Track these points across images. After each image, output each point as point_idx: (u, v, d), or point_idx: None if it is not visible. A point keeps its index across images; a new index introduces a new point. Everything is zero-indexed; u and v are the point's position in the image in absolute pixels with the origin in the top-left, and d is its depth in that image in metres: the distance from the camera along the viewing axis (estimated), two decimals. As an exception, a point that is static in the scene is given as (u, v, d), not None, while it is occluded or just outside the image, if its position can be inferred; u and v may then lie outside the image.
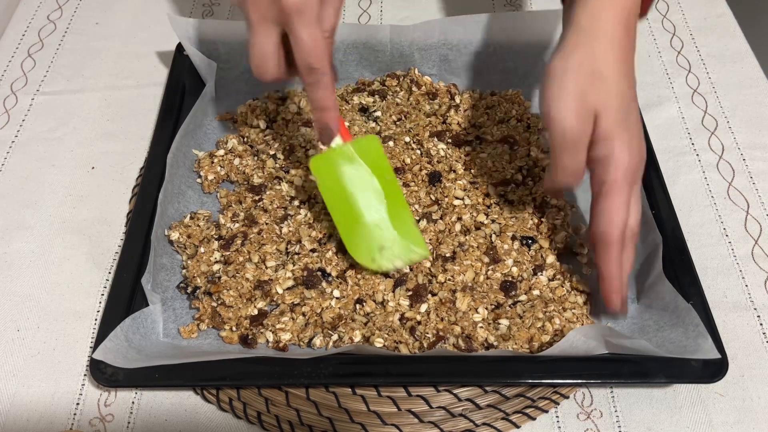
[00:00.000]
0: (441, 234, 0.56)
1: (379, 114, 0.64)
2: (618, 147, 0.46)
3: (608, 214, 0.47)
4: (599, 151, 0.46)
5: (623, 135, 0.46)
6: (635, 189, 0.48)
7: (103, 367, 0.47)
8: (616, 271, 0.48)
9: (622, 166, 0.46)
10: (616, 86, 0.47)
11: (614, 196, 0.46)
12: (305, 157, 0.60)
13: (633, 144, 0.47)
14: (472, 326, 0.50)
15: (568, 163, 0.47)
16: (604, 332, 0.47)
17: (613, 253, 0.48)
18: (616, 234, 0.47)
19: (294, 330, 0.51)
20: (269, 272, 0.53)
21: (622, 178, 0.46)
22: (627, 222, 0.47)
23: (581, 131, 0.46)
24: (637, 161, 0.47)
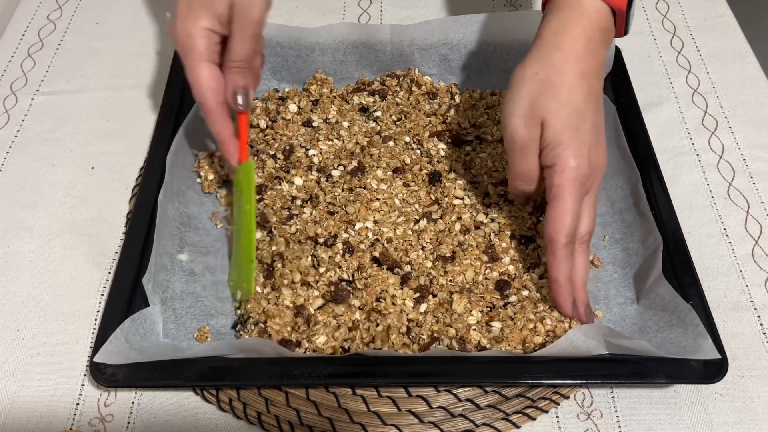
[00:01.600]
0: (441, 234, 0.56)
1: (379, 114, 0.64)
2: (564, 154, 0.47)
3: (553, 219, 0.48)
4: (547, 158, 0.48)
5: (571, 144, 0.47)
6: (588, 198, 0.49)
7: (103, 367, 0.47)
8: (564, 274, 0.49)
9: (568, 173, 0.47)
10: (568, 96, 0.48)
11: (560, 201, 0.48)
12: (305, 157, 0.60)
13: (581, 153, 0.48)
14: (466, 328, 0.50)
15: (519, 167, 0.50)
16: (604, 332, 0.47)
17: (558, 257, 0.48)
18: (560, 239, 0.48)
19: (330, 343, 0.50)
20: (301, 292, 0.52)
21: (568, 185, 0.47)
22: (575, 228, 0.48)
23: (528, 137, 0.48)
24: (585, 170, 0.48)
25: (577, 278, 0.50)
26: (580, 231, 0.49)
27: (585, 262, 0.50)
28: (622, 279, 0.55)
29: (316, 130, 0.63)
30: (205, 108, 0.52)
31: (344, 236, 0.55)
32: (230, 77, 0.52)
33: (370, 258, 0.54)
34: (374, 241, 0.55)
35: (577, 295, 0.50)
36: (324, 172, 0.59)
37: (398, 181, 0.59)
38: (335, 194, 0.57)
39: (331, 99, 0.66)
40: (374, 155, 0.60)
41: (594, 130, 0.49)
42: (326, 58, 0.68)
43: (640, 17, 0.79)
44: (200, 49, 0.48)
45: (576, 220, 0.48)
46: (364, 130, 0.63)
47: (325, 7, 0.80)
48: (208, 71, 0.51)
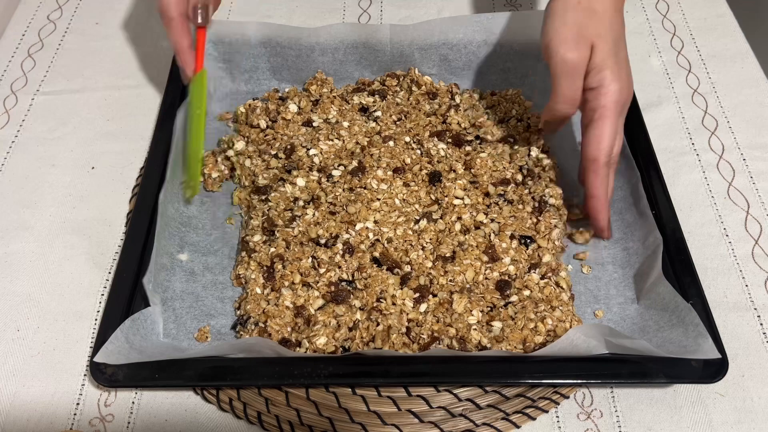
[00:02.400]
0: (441, 234, 0.56)
1: (379, 114, 0.64)
2: (609, 77, 0.51)
3: (598, 138, 0.51)
4: (593, 80, 0.51)
5: (614, 67, 0.51)
6: (621, 119, 0.53)
7: (103, 367, 0.48)
8: (604, 190, 0.53)
9: (612, 95, 0.51)
10: (610, 21, 0.52)
11: (604, 122, 0.51)
12: (306, 157, 0.60)
13: (623, 76, 0.51)
14: (467, 328, 0.50)
15: (567, 90, 0.52)
16: (604, 332, 0.47)
17: (602, 174, 0.52)
18: (604, 157, 0.51)
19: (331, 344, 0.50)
20: (301, 292, 0.53)
21: (612, 106, 0.51)
22: (613, 147, 0.52)
23: (579, 60, 0.50)
24: (626, 93, 0.52)
25: (609, 196, 0.54)
26: (615, 151, 0.52)
27: (613, 180, 0.54)
28: (622, 279, 0.55)
29: (316, 130, 0.63)
30: (166, 18, 0.57)
31: (345, 237, 0.55)
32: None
33: (371, 258, 0.54)
34: (374, 241, 0.55)
35: (608, 212, 0.55)
36: (324, 172, 0.59)
37: (398, 181, 0.59)
38: (336, 194, 0.57)
39: (331, 99, 0.66)
40: (374, 155, 0.60)
41: (627, 58, 0.53)
42: (326, 58, 0.68)
43: (640, 17, 0.79)
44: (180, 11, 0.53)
45: (614, 140, 0.52)
46: (365, 130, 0.63)
47: (325, 7, 0.80)
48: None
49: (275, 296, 0.52)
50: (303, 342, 0.50)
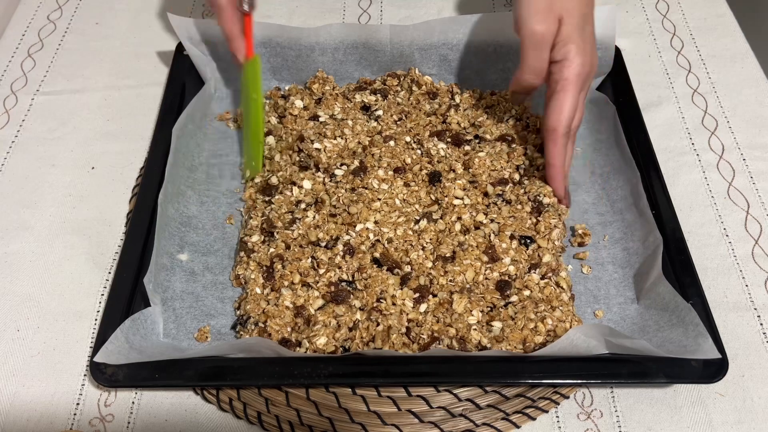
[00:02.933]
0: (441, 234, 0.56)
1: (381, 113, 0.64)
2: (574, 51, 0.53)
3: (558, 109, 0.53)
4: (558, 53, 0.53)
5: (579, 41, 0.53)
6: (583, 93, 0.55)
7: (103, 367, 0.48)
8: (561, 159, 0.55)
9: (575, 68, 0.53)
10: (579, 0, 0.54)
11: (565, 94, 0.53)
12: (315, 150, 0.60)
13: (587, 50, 0.54)
14: (467, 328, 0.50)
15: (533, 61, 0.54)
16: (604, 332, 0.47)
17: (561, 144, 0.54)
18: (563, 128, 0.54)
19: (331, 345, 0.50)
20: (301, 292, 0.53)
21: (574, 79, 0.53)
22: (573, 119, 0.54)
23: (546, 32, 0.53)
24: (589, 67, 0.54)
25: (567, 165, 0.57)
26: (574, 123, 0.55)
27: (572, 152, 0.57)
28: (622, 279, 0.55)
29: (323, 125, 0.63)
30: (219, 6, 0.59)
31: (345, 238, 0.55)
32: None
33: (371, 259, 0.54)
34: (375, 241, 0.55)
35: (565, 181, 0.57)
36: (328, 172, 0.60)
37: (399, 181, 0.59)
38: (339, 196, 0.57)
39: (334, 96, 0.66)
40: (375, 155, 0.60)
41: (593, 34, 0.56)
42: (326, 57, 0.68)
43: (640, 17, 0.79)
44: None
45: (574, 112, 0.54)
46: (366, 130, 0.63)
47: (325, 7, 0.80)
48: None
49: (275, 296, 0.52)
50: (303, 342, 0.50)
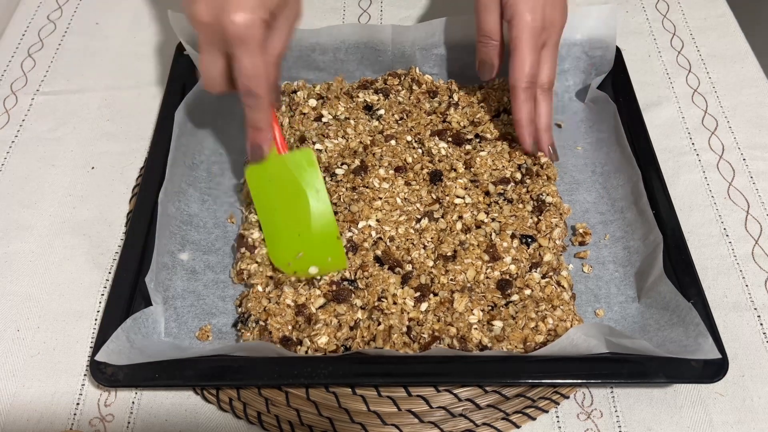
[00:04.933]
0: (442, 233, 0.56)
1: (382, 112, 0.64)
2: (521, 8, 0.55)
3: (513, 66, 0.56)
4: (507, 13, 0.56)
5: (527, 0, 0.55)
6: (547, 50, 0.57)
7: (103, 367, 0.47)
8: (525, 115, 0.57)
9: (524, 26, 0.55)
10: None
11: (518, 51, 0.55)
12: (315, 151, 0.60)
13: (537, 8, 0.55)
14: (467, 327, 0.50)
15: (482, 23, 0.58)
16: (604, 331, 0.47)
17: (520, 100, 0.56)
18: (520, 84, 0.56)
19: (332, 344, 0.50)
20: (302, 290, 0.53)
21: (525, 36, 0.55)
22: (534, 74, 0.56)
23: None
24: (540, 23, 0.55)
25: (541, 122, 0.59)
26: (541, 79, 0.57)
27: (547, 108, 0.59)
28: (623, 277, 0.55)
29: (326, 126, 0.63)
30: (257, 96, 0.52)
31: (348, 235, 0.55)
32: None
33: (373, 257, 0.54)
34: (377, 239, 0.55)
35: (541, 136, 0.59)
36: (328, 171, 0.60)
37: (400, 180, 0.59)
38: (339, 194, 0.57)
39: (338, 96, 0.66)
40: (376, 154, 0.60)
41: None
42: (327, 57, 0.68)
43: (640, 17, 0.79)
44: (258, 39, 0.49)
45: (534, 67, 0.56)
46: (368, 129, 0.63)
47: (325, 7, 0.80)
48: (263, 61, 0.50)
49: (277, 294, 0.52)
50: (304, 341, 0.50)
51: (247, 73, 0.50)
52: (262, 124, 0.53)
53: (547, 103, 0.59)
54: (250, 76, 0.50)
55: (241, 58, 0.49)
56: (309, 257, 0.54)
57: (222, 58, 0.51)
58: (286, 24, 0.52)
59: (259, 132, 0.54)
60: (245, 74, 0.50)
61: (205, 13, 0.48)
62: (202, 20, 0.48)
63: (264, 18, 0.49)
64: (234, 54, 0.49)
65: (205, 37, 0.50)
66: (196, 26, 0.49)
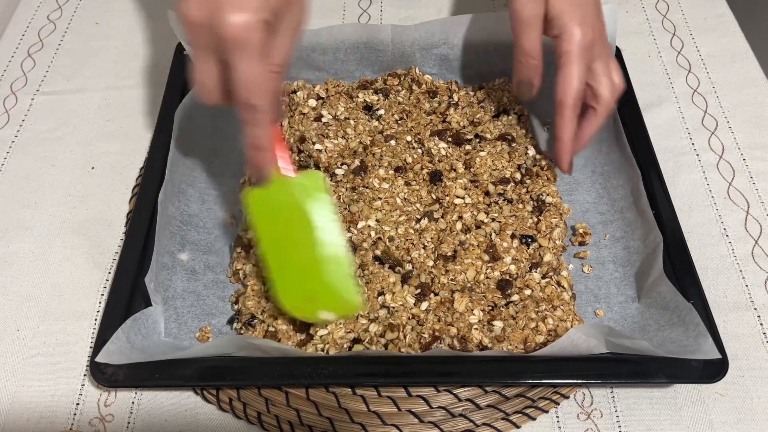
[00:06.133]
0: (442, 233, 0.56)
1: (382, 112, 0.64)
2: (569, 22, 0.52)
3: (563, 82, 0.53)
4: (554, 28, 0.53)
5: (574, 12, 0.53)
6: (600, 64, 0.54)
7: (103, 367, 0.47)
8: (569, 133, 0.54)
9: (573, 40, 0.52)
10: None
11: (570, 66, 0.53)
12: (315, 151, 0.60)
13: (586, 20, 0.53)
14: (468, 327, 0.50)
15: (524, 41, 0.54)
16: (604, 331, 0.47)
17: (567, 117, 0.54)
18: (568, 100, 0.53)
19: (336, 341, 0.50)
20: None
21: (575, 50, 0.53)
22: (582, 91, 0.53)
23: (532, 11, 0.53)
24: (590, 36, 0.53)
25: (583, 140, 0.56)
26: (601, 93, 0.54)
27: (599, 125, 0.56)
28: (623, 277, 0.55)
29: (326, 126, 0.63)
30: (257, 109, 0.44)
31: (347, 235, 0.55)
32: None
33: (373, 256, 0.54)
34: (376, 239, 0.55)
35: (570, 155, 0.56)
36: (329, 171, 0.60)
37: (400, 180, 0.59)
38: (339, 194, 0.57)
39: (338, 96, 0.66)
40: (376, 154, 0.60)
41: (593, 3, 0.55)
42: (327, 57, 0.68)
43: (640, 17, 0.79)
44: (258, 44, 0.42)
45: (582, 83, 0.53)
46: (368, 129, 0.63)
47: (325, 7, 0.80)
48: (264, 70, 0.44)
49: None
50: (315, 336, 0.50)
51: (246, 84, 0.43)
52: (264, 142, 0.46)
53: (598, 121, 0.55)
54: (248, 87, 0.43)
55: (238, 66, 0.42)
56: (320, 300, 0.48)
57: (217, 65, 0.44)
58: (289, 27, 0.45)
59: (260, 151, 0.46)
60: (243, 84, 0.43)
61: (197, 12, 0.41)
62: (194, 20, 0.42)
63: (266, 19, 0.42)
64: (230, 60, 0.42)
65: (197, 39, 0.43)
66: (187, 27, 0.42)
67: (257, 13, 0.41)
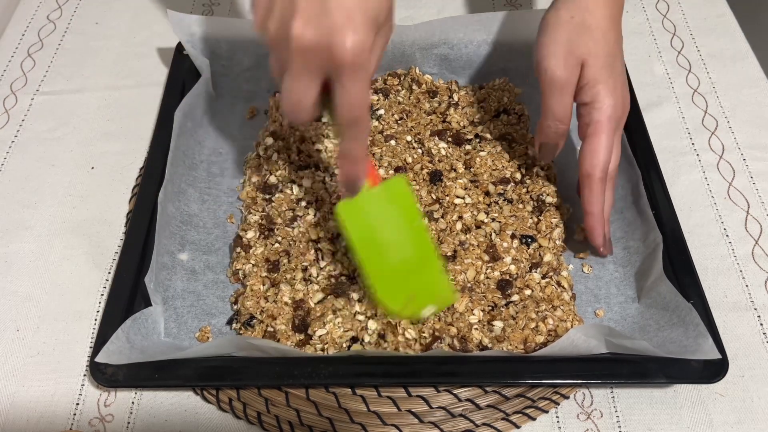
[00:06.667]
0: (442, 233, 0.56)
1: (382, 112, 0.64)
2: (603, 92, 0.51)
3: (593, 153, 0.52)
4: (586, 95, 0.52)
5: (608, 81, 0.51)
6: (617, 134, 0.53)
7: (103, 367, 0.47)
8: (599, 206, 0.53)
9: (607, 109, 0.51)
10: (603, 37, 0.52)
11: (598, 137, 0.52)
12: (315, 151, 0.60)
13: (617, 90, 0.52)
14: (468, 327, 0.50)
15: (556, 106, 0.52)
16: (604, 332, 0.47)
17: (597, 190, 0.52)
18: (597, 173, 0.52)
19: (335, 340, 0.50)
20: (299, 286, 0.53)
21: (606, 120, 0.52)
22: (609, 162, 0.52)
23: (568, 77, 0.51)
24: (621, 108, 0.52)
25: (607, 212, 0.54)
26: (611, 166, 0.53)
27: (612, 196, 0.55)
28: (623, 278, 0.55)
29: (325, 125, 0.63)
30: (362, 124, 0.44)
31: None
32: None
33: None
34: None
35: (606, 228, 0.55)
36: (328, 171, 0.60)
37: (399, 180, 0.59)
38: (339, 194, 0.58)
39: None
40: (376, 154, 0.60)
41: (623, 72, 0.54)
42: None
43: (640, 17, 0.79)
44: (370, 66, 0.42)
45: (610, 154, 0.52)
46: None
47: (325, 7, 0.79)
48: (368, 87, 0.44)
49: (274, 292, 0.53)
50: (314, 336, 0.50)
51: (356, 103, 0.42)
52: (360, 154, 0.46)
53: (612, 190, 0.55)
54: (358, 106, 0.43)
55: (350, 87, 0.41)
56: (423, 297, 0.49)
57: (320, 86, 0.42)
58: (383, 43, 0.44)
59: (356, 164, 0.46)
60: (353, 103, 0.42)
61: (309, 35, 0.39)
62: (308, 43, 0.39)
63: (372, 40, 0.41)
64: (341, 82, 0.41)
65: (303, 61, 0.41)
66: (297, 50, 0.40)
67: (369, 33, 0.40)
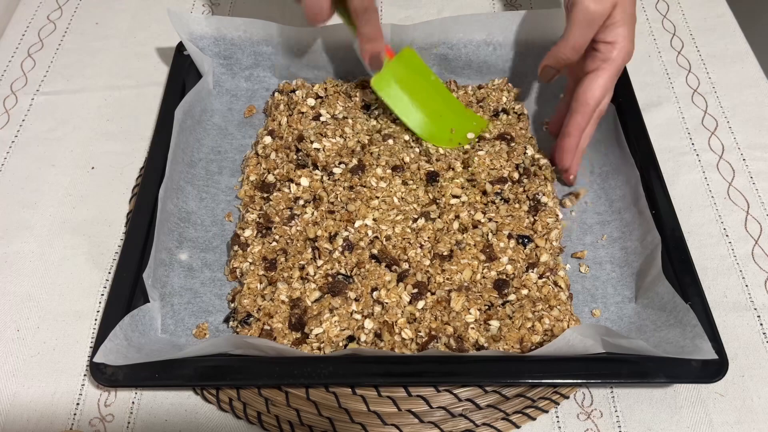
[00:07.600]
0: (439, 232, 0.56)
1: (381, 112, 0.64)
2: (624, 35, 0.54)
3: (596, 84, 0.55)
4: (609, 34, 0.55)
5: (631, 26, 0.55)
6: (616, 78, 0.56)
7: (103, 367, 0.48)
8: (580, 131, 0.57)
9: (622, 51, 0.55)
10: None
11: (608, 72, 0.55)
12: (313, 150, 0.60)
13: (632, 37, 0.55)
14: (464, 327, 0.50)
15: (579, 37, 0.55)
16: (600, 331, 0.47)
17: (584, 118, 0.56)
18: (594, 104, 0.56)
19: (332, 339, 0.51)
20: (296, 285, 0.53)
21: (619, 62, 0.55)
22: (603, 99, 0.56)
23: (601, 12, 0.53)
24: (630, 56, 0.56)
25: (583, 144, 0.59)
26: (602, 105, 0.57)
27: (592, 133, 0.59)
28: (620, 278, 0.55)
29: (324, 124, 0.63)
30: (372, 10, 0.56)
31: (344, 234, 0.55)
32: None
33: (369, 255, 0.54)
34: (373, 238, 0.55)
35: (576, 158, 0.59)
36: (326, 170, 0.60)
37: (397, 180, 0.59)
38: (337, 193, 0.58)
39: (336, 95, 0.66)
40: (374, 153, 0.60)
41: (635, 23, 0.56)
42: (326, 56, 0.68)
43: (640, 17, 0.78)
44: None
45: (608, 92, 0.56)
46: (366, 129, 0.63)
47: (325, 7, 0.79)
48: None
49: (271, 291, 0.53)
50: (311, 334, 0.50)
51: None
52: (377, 33, 0.58)
53: (593, 129, 0.59)
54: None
55: None
56: (460, 128, 0.63)
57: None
58: None
59: (372, 42, 0.58)
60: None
61: None
62: None
63: None
64: None
65: None
66: None
67: None
